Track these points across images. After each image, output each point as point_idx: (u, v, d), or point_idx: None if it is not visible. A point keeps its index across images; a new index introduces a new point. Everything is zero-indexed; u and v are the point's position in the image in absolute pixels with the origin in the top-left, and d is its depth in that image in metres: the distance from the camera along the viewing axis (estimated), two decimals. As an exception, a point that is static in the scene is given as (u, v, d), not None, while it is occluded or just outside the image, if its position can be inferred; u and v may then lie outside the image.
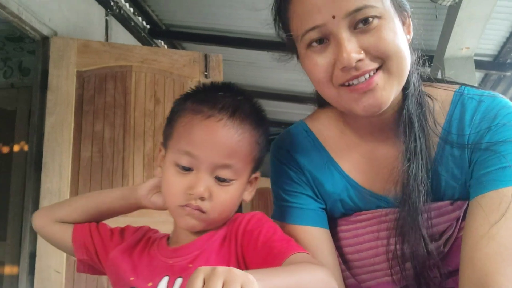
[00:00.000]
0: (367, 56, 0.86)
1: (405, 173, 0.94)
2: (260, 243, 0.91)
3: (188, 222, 0.96)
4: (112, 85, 3.12)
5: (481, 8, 3.18)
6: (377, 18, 0.86)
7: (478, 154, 0.92)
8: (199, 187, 0.92)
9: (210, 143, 0.93)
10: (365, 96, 0.88)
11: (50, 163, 2.85)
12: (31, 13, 2.90)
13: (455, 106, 0.98)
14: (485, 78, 4.89)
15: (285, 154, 1.09)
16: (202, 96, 0.99)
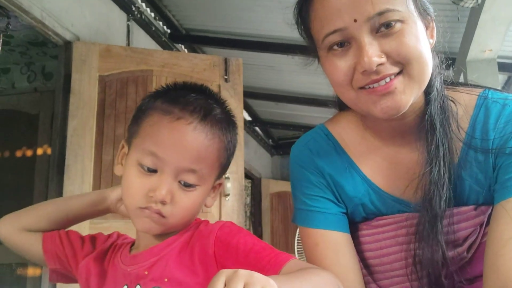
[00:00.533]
0: (388, 60, 0.86)
1: (426, 178, 0.93)
2: (242, 253, 0.87)
3: (146, 225, 0.91)
4: (133, 89, 3.15)
5: (504, 10, 3.14)
6: (399, 22, 0.85)
7: (503, 159, 0.91)
8: (161, 190, 0.88)
9: (178, 146, 0.89)
10: (384, 98, 0.88)
11: (73, 166, 2.89)
12: (54, 18, 2.95)
13: (479, 110, 0.96)
14: (508, 81, 4.81)
15: (305, 158, 1.08)
16: (173, 96, 0.95)
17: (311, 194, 1.06)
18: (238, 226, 0.94)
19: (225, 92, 3.31)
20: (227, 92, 3.32)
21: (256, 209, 7.64)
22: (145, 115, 0.95)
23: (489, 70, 3.85)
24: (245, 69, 3.52)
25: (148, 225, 0.92)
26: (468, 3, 2.72)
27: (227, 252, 0.89)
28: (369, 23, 0.85)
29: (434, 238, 0.92)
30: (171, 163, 0.89)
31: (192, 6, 4.21)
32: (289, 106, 5.99)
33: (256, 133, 7.57)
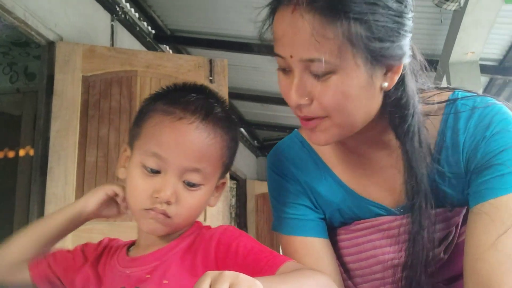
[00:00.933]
0: (312, 103, 0.85)
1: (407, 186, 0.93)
2: (241, 256, 0.87)
3: (151, 226, 0.92)
4: (117, 90, 3.13)
5: (486, 13, 3.18)
6: (329, 73, 0.82)
7: (475, 163, 0.91)
8: (166, 190, 0.88)
9: (180, 146, 0.89)
10: (308, 131, 0.91)
11: (56, 168, 2.86)
12: (37, 18, 2.92)
13: (448, 115, 0.96)
14: (490, 83, 4.88)
15: (281, 166, 1.09)
16: (174, 97, 0.95)
17: (288, 201, 1.06)
18: (240, 230, 0.94)
19: (210, 93, 3.30)
20: (212, 93, 3.31)
21: (241, 210, 7.63)
22: (146, 117, 0.95)
23: (472, 72, 3.90)
24: (230, 70, 3.52)
25: (153, 226, 0.92)
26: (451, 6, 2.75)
27: (227, 254, 0.89)
28: (302, 63, 0.83)
29: (423, 239, 0.92)
30: (175, 163, 0.89)
31: (177, 6, 4.19)
32: (274, 107, 5.99)
33: (241, 134, 7.57)
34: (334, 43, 0.79)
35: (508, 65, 4.36)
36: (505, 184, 0.86)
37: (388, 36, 0.82)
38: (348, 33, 0.79)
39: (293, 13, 0.81)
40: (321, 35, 0.79)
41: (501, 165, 0.87)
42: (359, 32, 0.79)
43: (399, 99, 0.90)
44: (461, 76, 3.85)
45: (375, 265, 1.02)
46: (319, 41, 0.79)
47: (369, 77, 0.84)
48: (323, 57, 0.80)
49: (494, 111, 0.92)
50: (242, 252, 0.87)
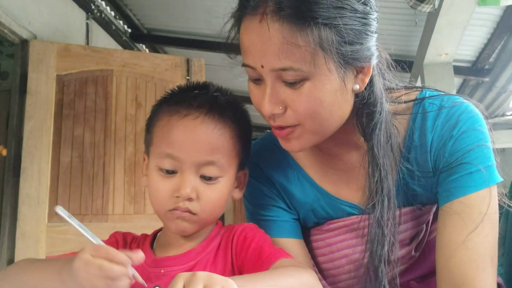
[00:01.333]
0: (286, 111, 0.86)
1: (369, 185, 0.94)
2: (251, 250, 0.91)
3: (179, 226, 0.92)
4: (92, 89, 3.09)
5: (460, 15, 3.23)
6: (303, 80, 0.82)
7: (443, 162, 0.92)
8: (185, 188, 0.90)
9: (190, 142, 0.91)
10: (282, 140, 0.92)
11: (29, 168, 2.81)
12: (10, 16, 2.86)
13: (416, 115, 0.97)
14: (463, 84, 4.97)
15: (255, 168, 1.08)
16: (178, 97, 0.97)
17: (262, 203, 1.07)
18: (257, 228, 0.97)
19: (187, 93, 3.28)
20: (189, 93, 3.29)
21: (219, 210, 7.61)
22: (155, 121, 0.97)
23: (445, 73, 3.97)
24: (207, 70, 3.51)
25: (181, 226, 0.93)
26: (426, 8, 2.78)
27: (242, 248, 0.93)
28: (274, 72, 0.83)
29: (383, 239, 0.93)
30: (188, 160, 0.91)
31: (153, 5, 4.16)
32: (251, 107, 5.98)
33: (218, 134, 7.55)
34: (305, 50, 0.79)
35: (481, 67, 4.45)
36: (473, 182, 0.87)
37: (357, 39, 0.82)
38: (319, 39, 0.78)
39: (260, 22, 0.81)
40: (292, 43, 0.79)
41: (468, 163, 0.88)
42: (329, 37, 0.79)
43: (367, 98, 0.90)
44: (435, 77, 3.91)
45: (348, 264, 1.03)
46: (290, 49, 0.79)
47: (341, 81, 0.84)
48: (295, 65, 0.80)
49: (461, 110, 0.93)
50: (253, 247, 0.91)
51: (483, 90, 5.00)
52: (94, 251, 0.71)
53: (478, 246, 0.84)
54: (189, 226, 0.93)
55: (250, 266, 0.90)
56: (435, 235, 0.96)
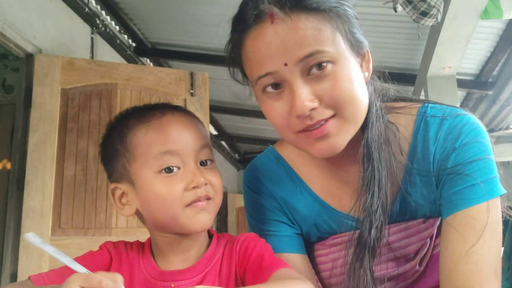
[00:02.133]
0: (321, 103, 0.84)
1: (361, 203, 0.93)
2: (252, 259, 0.92)
3: (199, 220, 0.91)
4: (97, 103, 3.11)
5: (463, 28, 3.24)
6: (330, 63, 0.83)
7: (446, 175, 0.92)
8: (198, 177, 0.91)
9: (182, 132, 0.94)
10: (319, 141, 0.87)
11: (33, 181, 2.81)
12: (15, 30, 2.89)
13: (419, 127, 0.97)
14: (467, 97, 4.97)
15: (257, 183, 1.09)
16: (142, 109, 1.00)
17: (264, 218, 1.06)
18: (259, 238, 0.99)
19: (191, 106, 3.30)
20: (193, 106, 3.31)
21: (222, 224, 7.60)
22: (128, 139, 0.95)
23: (449, 86, 3.97)
24: (211, 83, 3.52)
25: (203, 219, 0.92)
26: (428, 21, 2.80)
27: (244, 257, 0.94)
28: (299, 66, 0.83)
29: (361, 263, 0.92)
30: (187, 149, 0.93)
31: (157, 19, 4.19)
32: (255, 120, 6.01)
33: (222, 147, 7.56)
34: (326, 32, 0.83)
35: (485, 80, 4.46)
36: (476, 194, 0.87)
37: (354, 25, 0.89)
38: (334, 22, 0.84)
39: (273, 24, 0.83)
40: (311, 28, 0.82)
41: (471, 175, 0.88)
42: (339, 21, 0.85)
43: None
44: (438, 90, 3.91)
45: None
46: (311, 34, 0.82)
47: (358, 65, 0.89)
48: (320, 47, 0.82)
49: (463, 122, 0.93)
50: (255, 257, 0.92)
51: (486, 103, 4.99)
52: (85, 282, 0.66)
53: (481, 258, 0.84)
54: (209, 216, 0.94)
55: (251, 275, 0.90)
56: (439, 249, 0.95)
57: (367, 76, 0.92)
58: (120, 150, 0.96)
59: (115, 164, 0.97)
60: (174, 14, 4.01)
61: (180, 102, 3.30)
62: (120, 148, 0.96)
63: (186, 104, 3.29)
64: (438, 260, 0.92)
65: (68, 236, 2.81)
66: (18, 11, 2.94)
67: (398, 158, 0.96)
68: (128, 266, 0.97)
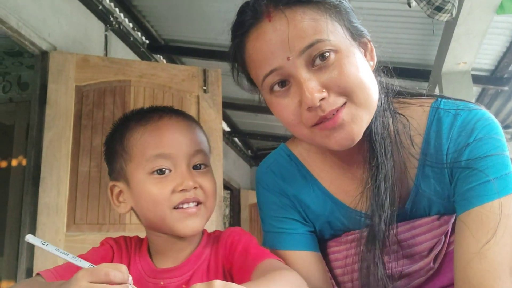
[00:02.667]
0: (330, 93, 0.84)
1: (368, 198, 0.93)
2: (238, 252, 0.94)
3: (188, 225, 0.93)
4: (111, 100, 3.13)
5: (478, 24, 3.20)
6: (333, 52, 0.83)
7: (460, 171, 0.91)
8: (187, 180, 0.93)
9: (177, 137, 0.96)
10: (336, 131, 0.86)
11: (48, 178, 2.84)
12: (30, 28, 2.91)
13: (432, 122, 0.96)
14: (482, 93, 4.91)
15: (269, 180, 1.08)
16: (141, 112, 1.03)
17: (277, 216, 1.06)
18: (244, 232, 1.02)
19: (204, 103, 3.30)
20: (206, 102, 3.31)
21: (235, 220, 7.61)
22: (126, 139, 0.98)
23: (464, 82, 3.92)
24: (224, 80, 3.52)
25: (192, 224, 0.94)
26: (443, 17, 2.77)
27: (230, 251, 0.96)
28: (302, 57, 0.83)
29: (372, 258, 0.92)
30: (180, 153, 0.95)
31: (171, 16, 4.20)
32: (268, 117, 6.00)
33: (235, 144, 7.57)
34: (323, 22, 0.83)
35: (500, 75, 4.40)
36: (490, 191, 0.86)
37: (352, 15, 0.90)
38: (330, 11, 0.85)
39: (271, 21, 0.84)
40: (309, 19, 0.83)
41: (484, 171, 0.87)
42: (336, 11, 0.86)
43: None
44: (453, 86, 3.87)
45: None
46: (309, 25, 0.83)
47: (361, 54, 0.89)
48: (321, 36, 0.83)
49: (477, 117, 0.92)
50: (240, 250, 0.94)
51: (502, 99, 4.93)
52: (92, 277, 0.67)
53: (495, 256, 0.83)
54: (199, 221, 0.95)
55: (237, 268, 0.93)
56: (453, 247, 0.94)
57: (373, 65, 0.93)
58: (118, 151, 1.00)
59: (114, 164, 1.02)
60: (187, 11, 4.02)
61: (193, 99, 3.31)
62: (119, 149, 1.00)
63: (199, 101, 3.30)
64: (452, 258, 0.91)
65: (82, 231, 2.83)
66: (33, 9, 2.96)
67: (411, 151, 0.95)
68: (127, 261, 1.00)
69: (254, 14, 0.86)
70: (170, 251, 0.99)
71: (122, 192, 1.00)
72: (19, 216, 3.38)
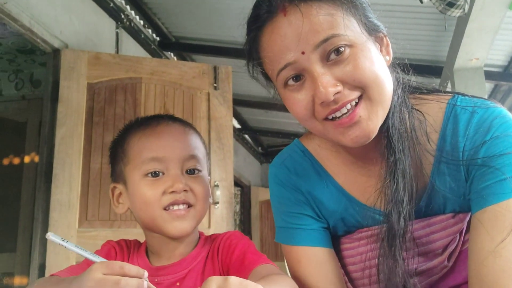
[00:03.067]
0: (345, 87, 0.84)
1: (385, 194, 0.93)
2: (235, 256, 0.97)
3: (176, 227, 0.98)
4: (122, 97, 3.14)
5: (490, 19, 3.17)
6: (348, 46, 0.83)
7: (476, 168, 0.90)
8: (178, 183, 0.97)
9: (171, 142, 1.01)
10: (351, 129, 0.86)
11: (60, 175, 2.86)
12: (42, 25, 2.94)
13: (448, 119, 0.95)
14: (495, 89, 4.87)
15: (283, 176, 1.08)
16: (142, 119, 1.09)
17: (291, 211, 1.06)
18: (242, 235, 1.05)
19: (215, 100, 3.31)
20: (217, 99, 3.32)
21: (246, 217, 7.62)
22: (126, 143, 1.04)
23: (476, 78, 3.89)
24: (234, 77, 3.52)
25: (180, 226, 0.98)
26: (455, 12, 2.74)
27: (227, 255, 0.99)
28: (317, 52, 0.83)
29: (393, 254, 0.91)
30: (173, 157, 1.00)
31: (181, 14, 4.21)
32: (278, 113, 5.99)
33: (245, 141, 7.57)
34: (338, 17, 0.83)
35: (513, 72, 4.36)
36: (506, 189, 0.85)
37: (368, 10, 0.90)
38: (346, 6, 0.84)
39: (286, 16, 0.84)
40: (324, 14, 0.83)
41: (500, 170, 0.86)
42: (351, 6, 0.85)
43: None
44: (465, 82, 3.84)
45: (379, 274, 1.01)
46: (324, 20, 0.83)
47: (377, 49, 0.89)
48: (335, 31, 0.83)
49: (494, 115, 0.91)
50: (237, 254, 0.97)
51: (515, 95, 4.89)
52: (107, 269, 0.68)
53: (510, 255, 0.82)
54: (188, 223, 0.99)
55: (234, 271, 0.95)
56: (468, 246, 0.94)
57: (388, 60, 0.93)
58: (119, 153, 1.06)
59: (115, 166, 1.07)
60: (198, 8, 4.02)
61: (204, 96, 3.31)
62: (120, 152, 1.06)
63: (209, 98, 3.31)
64: (467, 256, 0.91)
65: (94, 228, 2.85)
66: (45, 7, 2.99)
67: (427, 148, 0.94)
68: (126, 260, 1.05)
69: (269, 8, 0.87)
70: (164, 251, 1.03)
71: (121, 194, 1.06)
72: (31, 212, 3.41)
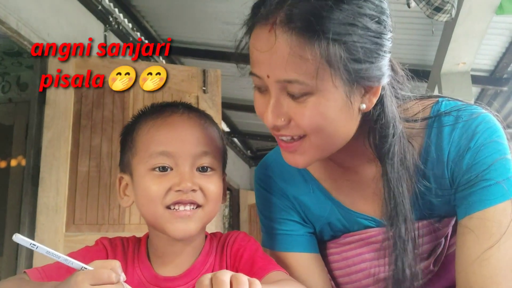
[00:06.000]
0: (290, 122, 0.84)
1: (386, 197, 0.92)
2: (244, 261, 0.91)
3: (179, 228, 0.89)
4: (110, 100, 3.12)
5: (477, 24, 3.21)
6: (309, 94, 0.80)
7: (461, 175, 0.90)
8: (186, 181, 0.88)
9: (183, 135, 0.92)
10: (286, 153, 0.89)
11: (47, 178, 2.84)
12: (30, 28, 2.91)
13: (432, 125, 0.94)
14: (481, 93, 4.91)
15: (268, 181, 1.08)
16: (155, 107, 0.99)
17: (277, 217, 1.05)
18: (249, 237, 0.99)
19: (204, 103, 3.30)
20: (205, 103, 3.31)
21: (235, 220, 7.61)
22: (135, 133, 0.96)
23: (463, 82, 3.93)
24: (223, 80, 3.52)
25: (184, 226, 0.89)
26: (442, 17, 2.77)
27: (235, 258, 0.94)
28: (279, 83, 0.81)
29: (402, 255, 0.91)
30: (184, 153, 0.90)
31: (170, 17, 4.20)
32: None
33: (234, 144, 7.57)
34: (311, 64, 0.77)
35: (499, 76, 4.40)
36: (492, 195, 0.85)
37: (367, 57, 0.80)
38: (326, 54, 0.77)
39: (270, 32, 0.80)
40: (299, 56, 0.77)
41: (487, 176, 0.86)
42: (337, 53, 0.77)
43: (378, 118, 0.89)
44: (452, 86, 3.88)
45: (365, 278, 1.01)
46: (297, 62, 0.78)
47: (347, 99, 0.82)
48: (301, 78, 0.79)
49: (478, 121, 0.91)
50: (246, 258, 0.92)
51: (501, 99, 4.94)
52: (94, 280, 0.65)
53: (498, 261, 0.82)
54: (192, 225, 0.90)
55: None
56: (454, 249, 0.94)
57: (365, 107, 0.86)
58: (128, 143, 0.98)
59: (124, 156, 0.99)
60: (186, 11, 4.02)
61: (193, 99, 3.31)
62: (128, 141, 0.98)
63: (198, 101, 3.30)
64: (453, 260, 0.91)
65: (82, 232, 2.83)
66: (33, 10, 2.96)
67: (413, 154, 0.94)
68: (123, 264, 0.95)
69: (264, 14, 0.82)
70: (169, 255, 0.95)
71: (127, 185, 0.97)
72: (18, 216, 3.37)
